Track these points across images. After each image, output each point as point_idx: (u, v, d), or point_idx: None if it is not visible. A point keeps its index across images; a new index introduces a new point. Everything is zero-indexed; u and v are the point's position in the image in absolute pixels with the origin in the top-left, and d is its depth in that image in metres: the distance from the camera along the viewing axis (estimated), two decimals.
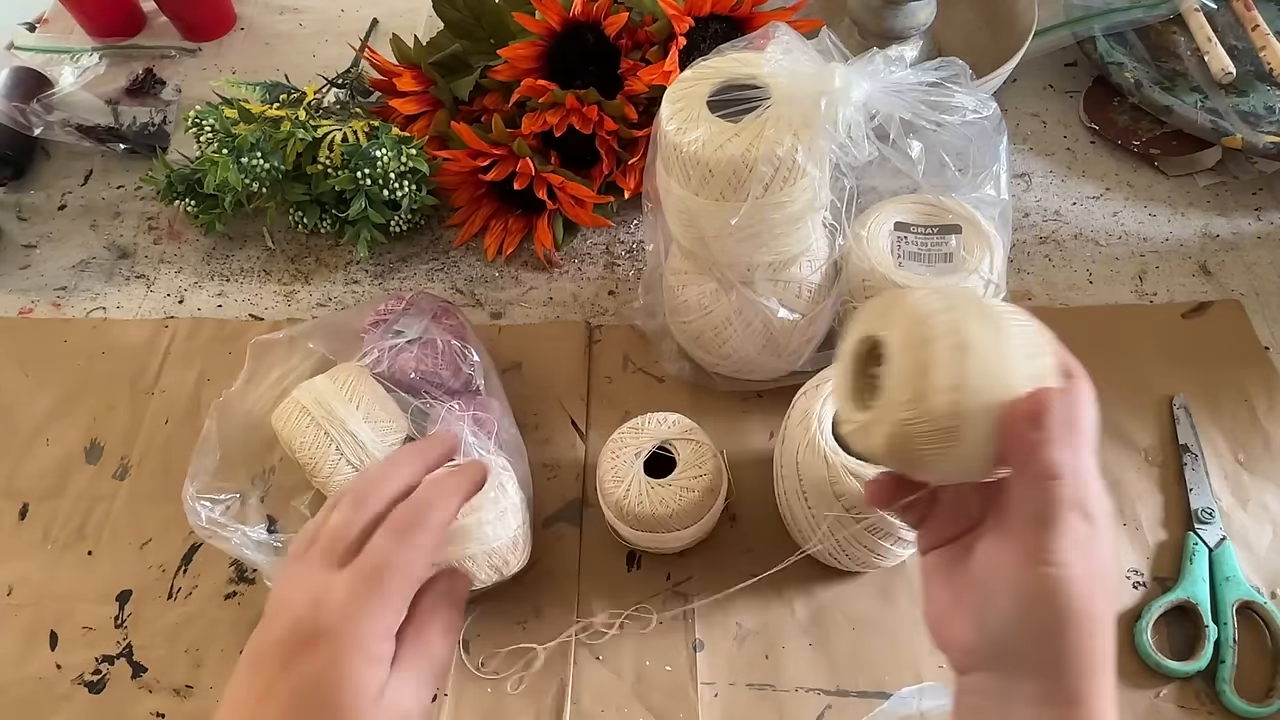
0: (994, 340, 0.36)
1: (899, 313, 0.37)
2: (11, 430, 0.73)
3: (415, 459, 0.40)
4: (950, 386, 0.35)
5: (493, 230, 0.80)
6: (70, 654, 0.62)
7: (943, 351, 0.35)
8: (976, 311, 0.37)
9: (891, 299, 0.39)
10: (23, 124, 0.88)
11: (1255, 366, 0.71)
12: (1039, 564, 0.34)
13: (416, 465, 0.40)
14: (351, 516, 0.38)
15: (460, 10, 0.82)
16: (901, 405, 0.36)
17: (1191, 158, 0.83)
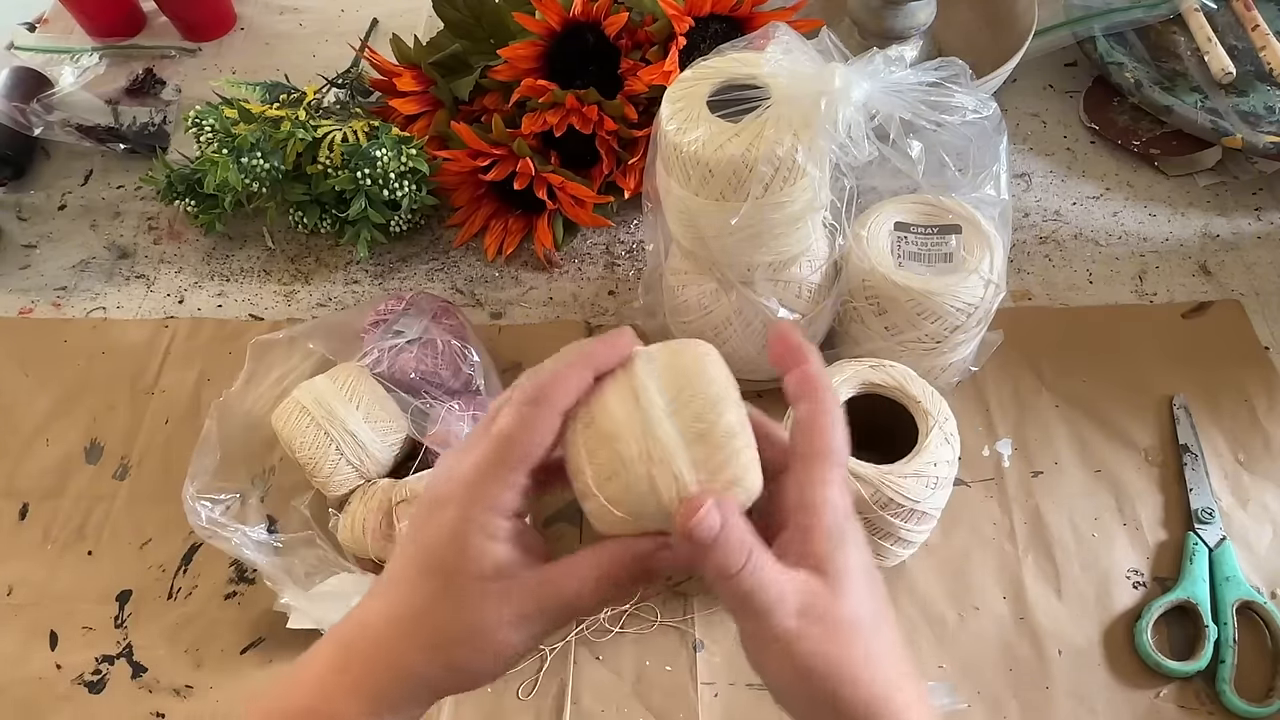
0: (637, 424, 0.35)
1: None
2: (11, 430, 0.73)
3: (587, 362, 0.37)
4: (590, 492, 0.36)
5: (493, 230, 0.80)
6: (70, 654, 0.62)
7: (582, 450, 0.36)
8: (625, 389, 0.36)
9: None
10: (23, 124, 0.88)
11: (1255, 366, 0.71)
12: (769, 647, 0.34)
13: (588, 370, 0.37)
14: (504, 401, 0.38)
15: (460, 10, 0.82)
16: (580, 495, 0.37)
17: (1191, 158, 0.83)
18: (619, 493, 0.36)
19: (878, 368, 0.58)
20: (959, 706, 0.58)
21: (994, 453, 0.68)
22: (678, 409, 0.35)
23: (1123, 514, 0.65)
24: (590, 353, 0.37)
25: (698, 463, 0.35)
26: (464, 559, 0.35)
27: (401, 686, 0.37)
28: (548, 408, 0.36)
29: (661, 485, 0.35)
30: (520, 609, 0.36)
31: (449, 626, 0.36)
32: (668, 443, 0.35)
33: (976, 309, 0.61)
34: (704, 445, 0.35)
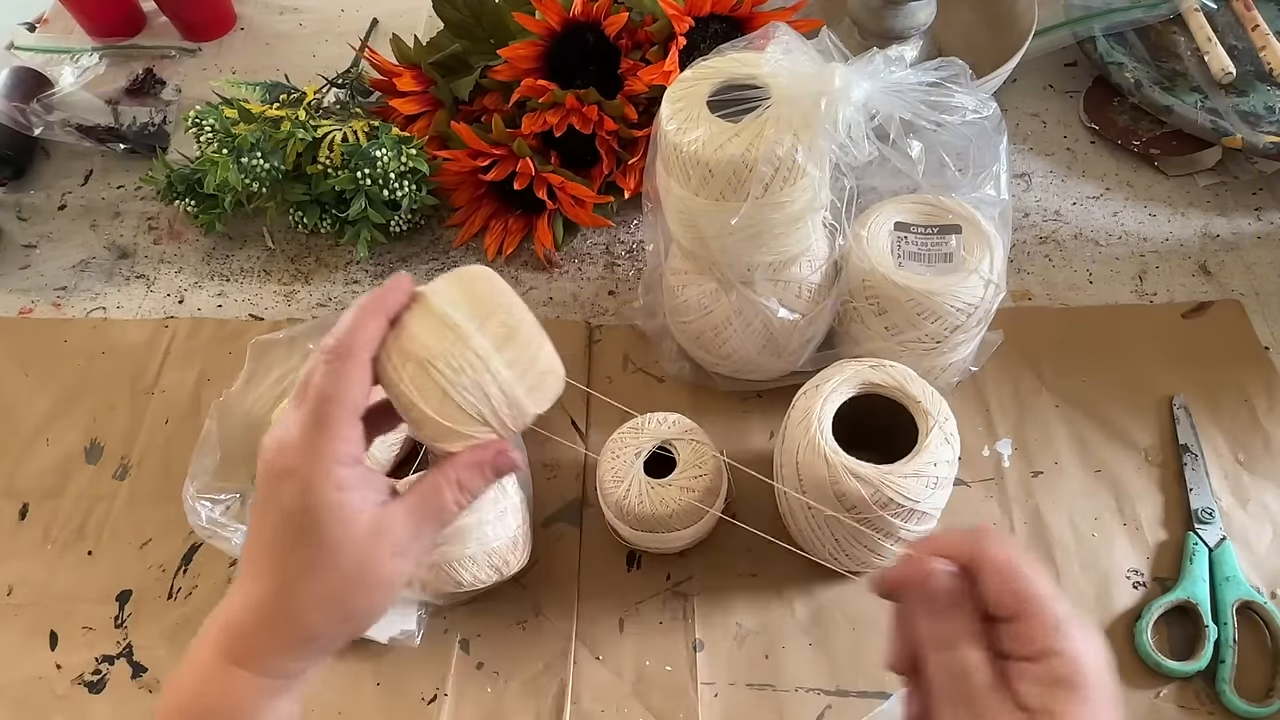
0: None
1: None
2: (11, 430, 0.73)
3: (377, 308, 0.40)
4: (427, 418, 0.39)
5: (493, 230, 0.80)
6: (70, 654, 0.62)
7: (407, 384, 0.39)
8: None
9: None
10: (23, 124, 0.88)
11: (1255, 366, 0.71)
12: None
13: (380, 316, 0.40)
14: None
15: (460, 10, 0.82)
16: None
17: (1191, 158, 0.83)
18: (453, 411, 0.39)
19: (878, 368, 0.58)
20: None
21: (994, 453, 0.68)
22: (482, 322, 0.39)
23: (1123, 514, 0.65)
24: (378, 298, 0.40)
25: (512, 362, 0.39)
26: (325, 518, 0.37)
27: (305, 654, 0.39)
28: (353, 358, 0.38)
29: (489, 389, 0.39)
30: (395, 541, 0.38)
31: (335, 583, 0.38)
32: (484, 350, 0.39)
33: (976, 309, 0.61)
34: (513, 346, 0.40)
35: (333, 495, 0.37)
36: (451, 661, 0.61)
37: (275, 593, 0.38)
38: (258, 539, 0.39)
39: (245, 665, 0.38)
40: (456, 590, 0.59)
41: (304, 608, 0.38)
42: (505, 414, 0.40)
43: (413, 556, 0.40)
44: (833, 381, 0.58)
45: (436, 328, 0.39)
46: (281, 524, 0.38)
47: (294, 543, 0.38)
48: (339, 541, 0.37)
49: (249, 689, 0.38)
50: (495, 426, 0.40)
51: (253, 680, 0.38)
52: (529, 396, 0.41)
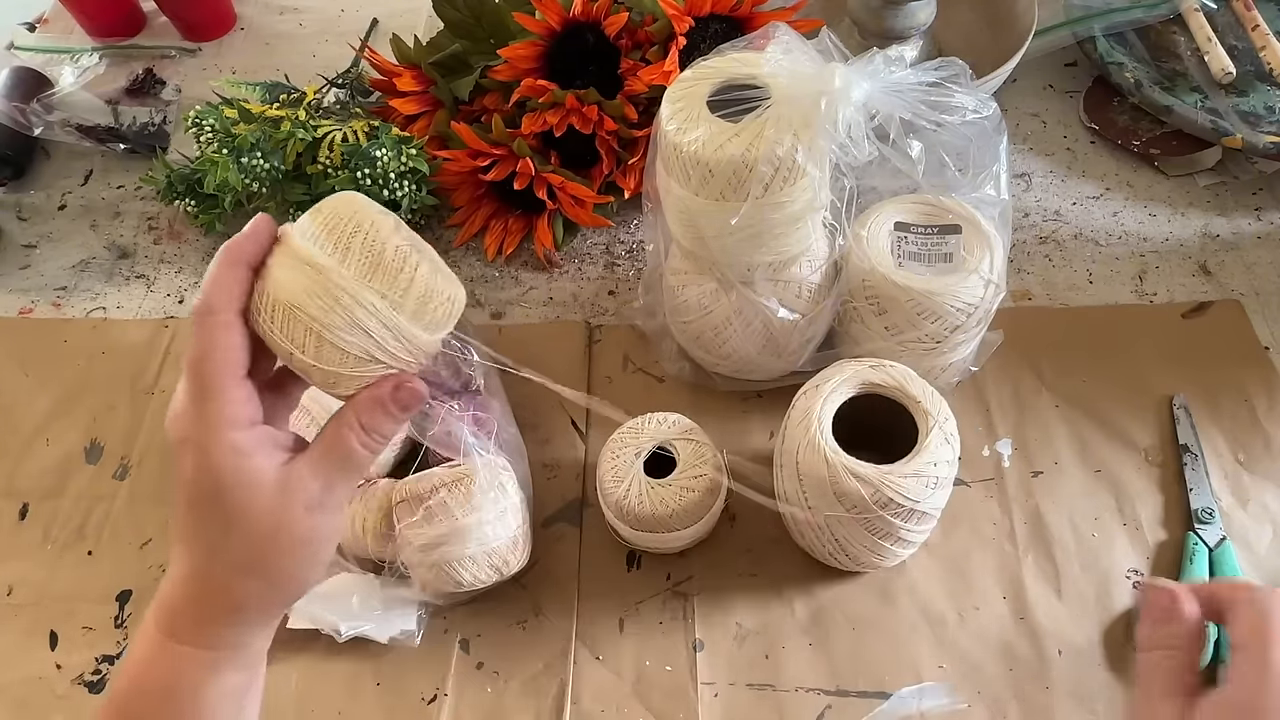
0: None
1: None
2: (11, 430, 0.73)
3: (236, 257, 0.38)
4: (308, 366, 0.38)
5: (493, 230, 0.80)
6: (70, 654, 0.62)
7: (278, 334, 0.37)
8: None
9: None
10: (23, 124, 0.88)
11: (1255, 366, 0.71)
12: None
13: (239, 264, 0.38)
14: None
15: (460, 10, 0.82)
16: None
17: (1191, 158, 0.83)
18: (334, 354, 0.37)
19: (878, 368, 0.58)
20: (959, 706, 0.58)
21: (994, 453, 0.68)
22: (344, 255, 0.37)
23: (1123, 514, 0.65)
24: (235, 245, 0.38)
25: (385, 291, 0.37)
26: (227, 484, 0.36)
27: (237, 622, 0.39)
28: (218, 314, 0.37)
29: (366, 324, 0.37)
30: (306, 497, 0.38)
31: (250, 548, 0.37)
32: (348, 284, 0.36)
33: (976, 309, 0.61)
34: (382, 274, 0.37)
35: (230, 460, 0.36)
36: (451, 661, 0.61)
37: (197, 564, 0.38)
38: (177, 511, 0.38)
39: (182, 639, 0.38)
40: (456, 590, 0.59)
41: (225, 576, 0.38)
42: (394, 346, 0.38)
43: (331, 509, 0.39)
44: (833, 381, 0.58)
45: (297, 267, 0.37)
46: (188, 495, 0.37)
47: (203, 513, 0.37)
48: (245, 506, 0.37)
49: (188, 662, 0.38)
50: (389, 362, 0.38)
51: (191, 653, 0.38)
52: (417, 323, 0.38)
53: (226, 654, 0.39)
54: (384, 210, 0.39)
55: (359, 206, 0.38)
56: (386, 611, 0.60)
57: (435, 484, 0.57)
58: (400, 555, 0.58)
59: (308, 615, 0.59)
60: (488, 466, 0.58)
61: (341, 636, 0.59)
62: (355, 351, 0.37)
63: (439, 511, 0.57)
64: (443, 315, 0.40)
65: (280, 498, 0.37)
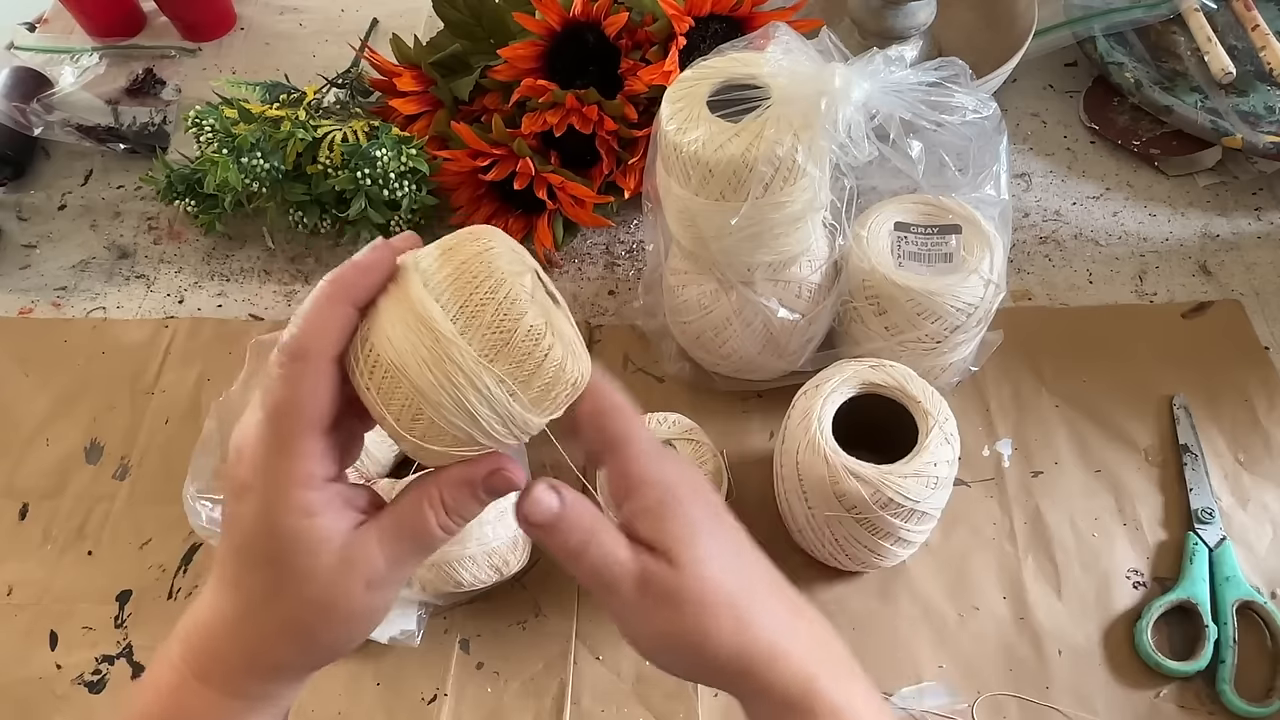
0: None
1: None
2: (11, 430, 0.73)
3: (342, 294, 0.32)
4: (400, 435, 0.33)
5: None
6: (70, 654, 0.62)
7: (374, 394, 0.33)
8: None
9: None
10: (23, 124, 0.88)
11: (1255, 366, 0.71)
12: (624, 622, 0.36)
13: (344, 303, 0.33)
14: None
15: (460, 10, 0.82)
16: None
17: (1191, 158, 0.83)
18: (430, 429, 0.32)
19: (878, 368, 0.58)
20: (959, 706, 0.58)
21: (994, 453, 0.68)
22: (468, 323, 0.31)
23: (1123, 514, 0.65)
24: (342, 281, 0.32)
25: (506, 376, 0.32)
26: (287, 546, 0.33)
27: (273, 679, 0.36)
28: (310, 360, 0.32)
29: (476, 410, 0.32)
30: (369, 572, 0.33)
31: (300, 615, 0.34)
32: (466, 364, 0.31)
33: (976, 309, 0.61)
34: (508, 356, 0.32)
35: (294, 522, 0.32)
36: (451, 661, 0.61)
37: (240, 614, 0.35)
38: (223, 550, 0.35)
39: (211, 684, 0.35)
40: (456, 590, 0.59)
41: (268, 635, 0.34)
42: (499, 432, 0.33)
43: (393, 585, 0.35)
44: (833, 381, 0.58)
45: (411, 325, 0.31)
46: (243, 544, 0.34)
47: (255, 565, 0.34)
48: (304, 572, 0.33)
49: (216, 709, 0.35)
50: (488, 444, 0.34)
51: (220, 700, 0.35)
52: (534, 409, 0.33)
53: (257, 704, 0.36)
54: (524, 264, 0.33)
55: (498, 264, 0.32)
56: None
57: None
58: None
59: None
60: None
61: None
62: (456, 433, 0.32)
63: None
64: (564, 400, 0.34)
65: (342, 568, 0.33)
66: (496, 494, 0.35)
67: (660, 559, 0.35)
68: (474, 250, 0.32)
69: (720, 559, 0.36)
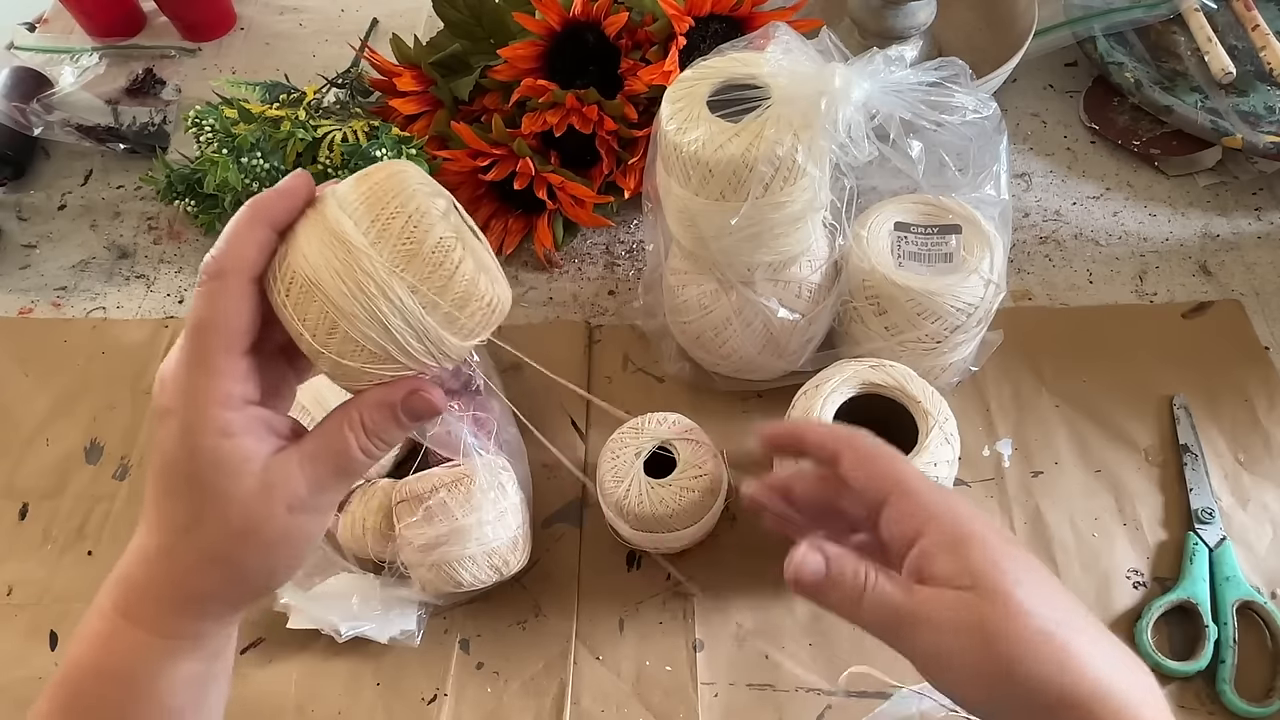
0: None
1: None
2: (11, 430, 0.73)
3: (261, 215, 0.33)
4: (317, 351, 0.34)
5: (493, 230, 0.80)
6: None
7: (290, 310, 0.34)
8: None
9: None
10: (23, 124, 0.88)
11: (1255, 366, 0.71)
12: (937, 667, 0.35)
13: (263, 224, 0.33)
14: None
15: (460, 10, 0.82)
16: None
17: (1191, 158, 0.83)
18: (347, 345, 0.33)
19: (878, 368, 0.58)
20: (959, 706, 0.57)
21: (994, 453, 0.68)
22: (379, 236, 0.32)
23: (1123, 514, 0.65)
24: (261, 204, 0.33)
25: (416, 286, 0.32)
26: (205, 467, 0.33)
27: (197, 614, 0.35)
28: (229, 278, 0.32)
29: (388, 320, 0.32)
30: (290, 494, 0.33)
31: (221, 540, 0.33)
32: (377, 272, 0.32)
33: (976, 309, 0.61)
34: (418, 265, 0.32)
35: (213, 441, 0.32)
36: (451, 661, 0.61)
37: (161, 543, 0.34)
38: (150, 476, 0.35)
39: (139, 623, 0.35)
40: (456, 590, 0.59)
41: (190, 562, 0.34)
42: (416, 348, 0.33)
43: (315, 511, 0.34)
44: (833, 381, 0.58)
45: (325, 240, 0.32)
46: (164, 469, 0.34)
47: (176, 491, 0.33)
48: (223, 494, 0.33)
49: (144, 648, 0.35)
50: (407, 363, 0.34)
51: (148, 639, 0.35)
52: (449, 326, 0.34)
53: (186, 644, 0.35)
54: (437, 190, 0.34)
55: (409, 183, 0.33)
56: (386, 611, 0.60)
57: (435, 484, 0.57)
58: (400, 555, 0.58)
59: (308, 615, 0.59)
60: (487, 467, 0.58)
61: (341, 636, 0.59)
62: (371, 346, 0.33)
63: (439, 512, 0.57)
64: (479, 321, 0.35)
65: (262, 491, 0.33)
66: (417, 416, 0.35)
67: (966, 592, 0.34)
68: (386, 173, 0.33)
69: (1034, 588, 0.34)
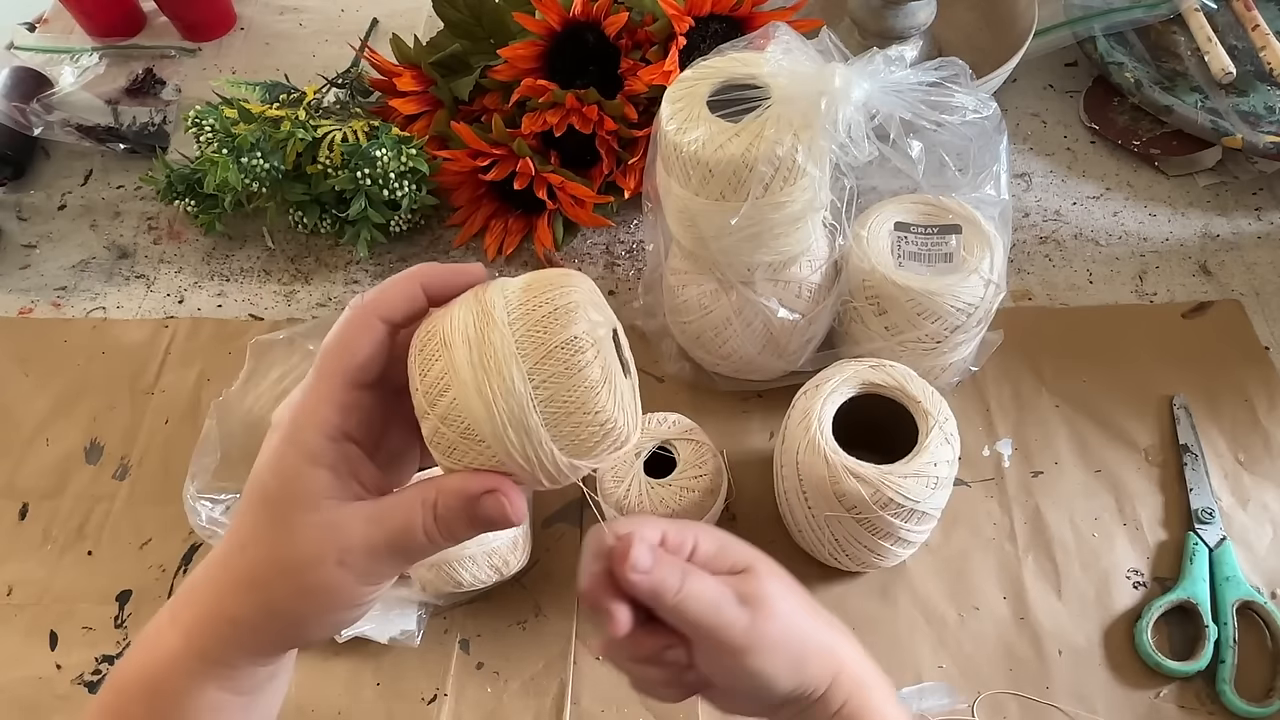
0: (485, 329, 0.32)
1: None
2: (12, 430, 0.73)
3: (419, 274, 0.34)
4: (424, 410, 0.32)
5: (493, 230, 0.80)
6: (70, 654, 0.62)
7: (416, 363, 0.33)
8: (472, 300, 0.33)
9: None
10: (23, 124, 0.88)
11: (1255, 366, 0.71)
12: (741, 643, 0.39)
13: (415, 282, 0.34)
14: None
15: (460, 10, 0.82)
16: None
17: (1191, 158, 0.83)
18: (451, 410, 0.31)
19: (878, 368, 0.58)
20: (959, 706, 0.58)
21: (994, 453, 0.68)
22: (520, 317, 0.32)
23: (1123, 514, 0.65)
24: (430, 267, 0.34)
25: (534, 376, 0.31)
26: (284, 484, 0.32)
27: (222, 632, 0.33)
28: (365, 313, 0.33)
29: (491, 399, 0.31)
30: (344, 545, 0.32)
31: (264, 564, 0.32)
32: (499, 348, 0.31)
33: (976, 309, 0.61)
34: (541, 354, 0.31)
35: (296, 462, 0.32)
36: (451, 661, 0.61)
37: (221, 555, 0.34)
38: (245, 486, 0.34)
39: (177, 628, 0.34)
40: (456, 590, 0.59)
41: (232, 582, 0.33)
42: (511, 439, 0.31)
43: (365, 577, 0.33)
44: (833, 381, 0.58)
45: (472, 308, 0.32)
46: (251, 480, 0.33)
47: (252, 504, 0.33)
48: (283, 519, 0.32)
49: (174, 656, 0.34)
50: (500, 455, 0.32)
51: (179, 646, 0.34)
52: (553, 430, 0.32)
53: (215, 668, 0.34)
54: (603, 307, 0.34)
55: (570, 284, 0.33)
56: (386, 611, 0.60)
57: None
58: None
59: None
60: None
61: (341, 636, 0.59)
62: (470, 420, 0.31)
63: None
64: (588, 438, 0.32)
65: (320, 531, 0.32)
66: (488, 519, 0.33)
67: (741, 575, 0.40)
68: (557, 272, 0.34)
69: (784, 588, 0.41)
